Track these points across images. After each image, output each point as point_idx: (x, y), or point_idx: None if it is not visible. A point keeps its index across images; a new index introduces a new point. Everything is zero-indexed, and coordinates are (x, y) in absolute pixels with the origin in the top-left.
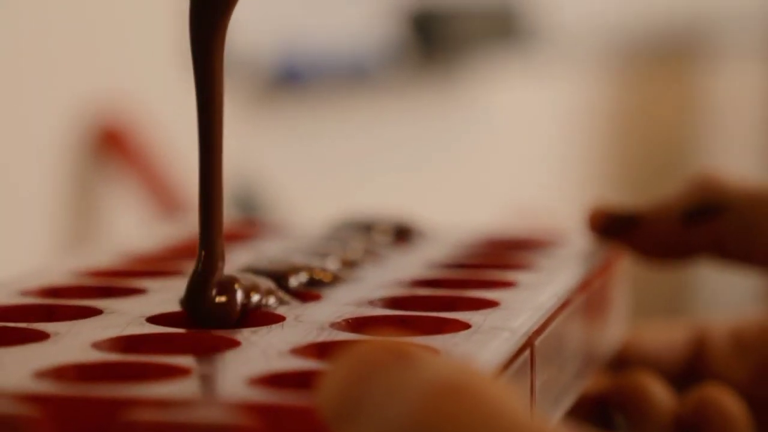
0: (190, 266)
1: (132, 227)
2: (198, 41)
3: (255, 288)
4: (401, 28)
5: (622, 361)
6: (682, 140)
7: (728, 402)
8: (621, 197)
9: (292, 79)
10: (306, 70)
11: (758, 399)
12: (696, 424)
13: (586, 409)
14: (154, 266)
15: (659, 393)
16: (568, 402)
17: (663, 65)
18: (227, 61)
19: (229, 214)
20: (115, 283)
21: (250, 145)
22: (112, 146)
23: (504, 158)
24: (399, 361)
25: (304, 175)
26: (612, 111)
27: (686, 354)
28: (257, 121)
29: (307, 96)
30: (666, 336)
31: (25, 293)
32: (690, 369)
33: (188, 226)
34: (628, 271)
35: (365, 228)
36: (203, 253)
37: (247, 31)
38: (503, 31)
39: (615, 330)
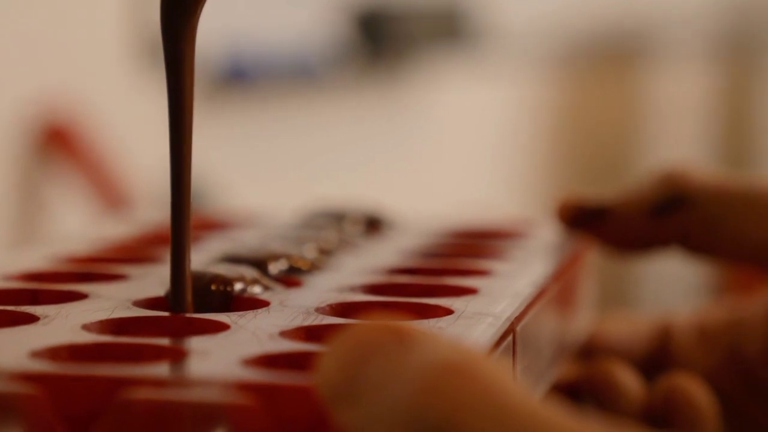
0: (164, 252)
1: (77, 225)
2: (169, 32)
3: (241, 277)
4: (348, 27)
5: (589, 351)
6: (625, 140)
7: (696, 391)
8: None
9: (239, 77)
10: (253, 69)
11: (722, 389)
12: (665, 412)
13: (556, 397)
14: (130, 253)
15: (629, 381)
16: (542, 389)
17: (606, 67)
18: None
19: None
20: (94, 269)
21: (196, 143)
22: (57, 144)
23: (449, 157)
24: (398, 342)
25: (250, 172)
26: (555, 111)
27: (651, 345)
28: (204, 119)
29: (254, 95)
30: (631, 327)
31: (7, 278)
32: (655, 360)
33: (141, 220)
34: (594, 261)
35: (336, 218)
36: (177, 247)
37: None
38: (449, 31)
39: (583, 320)
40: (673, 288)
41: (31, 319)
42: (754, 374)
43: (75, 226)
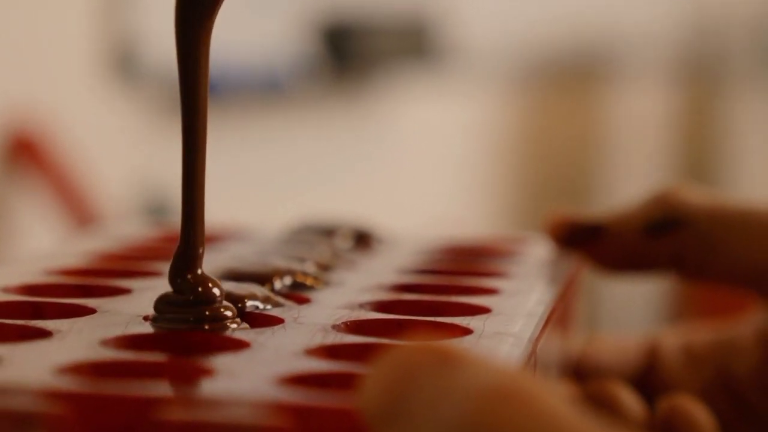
0: (159, 266)
1: (45, 237)
2: (184, 41)
3: (252, 295)
4: (315, 42)
5: (580, 371)
6: (586, 158)
7: (697, 412)
8: (525, 210)
9: None
10: (220, 83)
11: (710, 410)
12: None
13: None
14: (124, 266)
15: (631, 401)
16: None
17: (568, 85)
18: (140, 73)
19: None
20: (93, 282)
21: (163, 155)
22: (24, 156)
23: (413, 172)
24: (443, 363)
25: (216, 185)
26: (518, 128)
27: (639, 365)
28: (171, 132)
29: (221, 108)
30: (618, 348)
31: (5, 290)
32: (643, 380)
33: (116, 233)
34: (585, 281)
35: (326, 233)
36: (187, 235)
37: (159, 43)
38: (415, 48)
39: (575, 339)
40: (632, 309)
41: (43, 333)
42: (743, 395)
43: (42, 237)
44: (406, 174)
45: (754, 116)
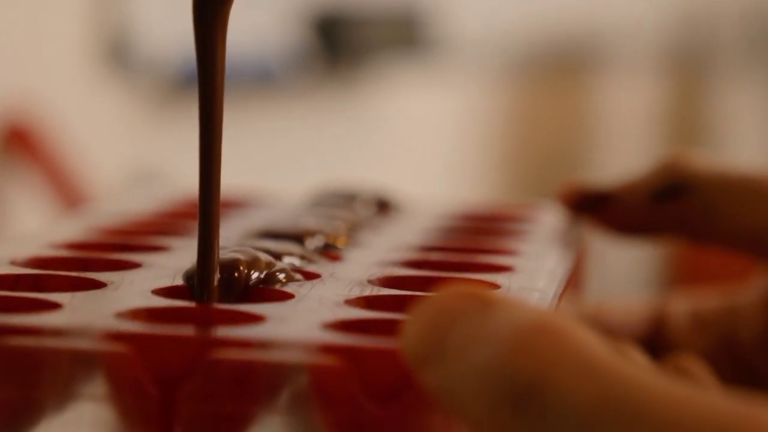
0: (187, 227)
1: (38, 225)
2: (201, 30)
3: (288, 251)
4: (306, 33)
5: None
6: (575, 148)
7: (702, 372)
8: (515, 200)
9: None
10: None
11: (716, 375)
12: None
13: None
14: (156, 227)
15: (640, 359)
16: None
17: (558, 76)
18: (133, 62)
19: None
20: (131, 240)
21: (154, 147)
22: (17, 145)
23: (404, 162)
24: (482, 307)
25: None
26: (508, 118)
27: (647, 329)
28: (161, 123)
29: None
30: (626, 311)
31: (52, 246)
32: (649, 345)
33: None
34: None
35: (348, 198)
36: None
37: (152, 32)
38: (406, 38)
39: (585, 301)
40: (624, 276)
41: (97, 284)
42: (748, 361)
43: (35, 226)
44: (396, 164)
45: (742, 107)
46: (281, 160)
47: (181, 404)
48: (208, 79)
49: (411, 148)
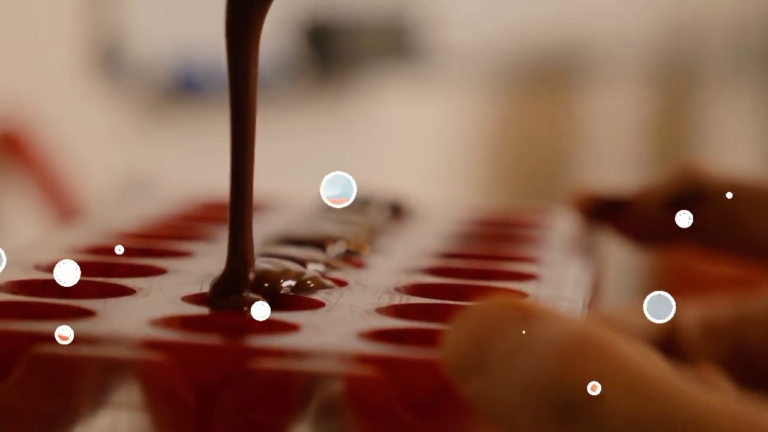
0: (211, 230)
1: (30, 233)
2: (234, 39)
3: (313, 259)
4: (297, 41)
5: None
6: (561, 157)
7: (724, 383)
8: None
9: (190, 88)
10: (203, 80)
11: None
12: None
13: None
14: (175, 231)
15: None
16: None
17: (545, 85)
18: (126, 70)
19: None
20: (153, 245)
21: (146, 153)
22: (9, 151)
23: (393, 170)
24: (524, 318)
25: (200, 184)
26: (498, 127)
27: (658, 336)
28: (154, 130)
29: (204, 106)
30: (638, 318)
31: (74, 251)
32: (662, 352)
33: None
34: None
35: (361, 204)
36: (234, 251)
37: (145, 39)
38: (395, 47)
39: (603, 306)
40: (611, 283)
41: (126, 291)
42: (759, 369)
43: (28, 234)
44: (386, 172)
45: (729, 116)
46: (273, 167)
47: (218, 413)
48: (241, 90)
49: (401, 156)
